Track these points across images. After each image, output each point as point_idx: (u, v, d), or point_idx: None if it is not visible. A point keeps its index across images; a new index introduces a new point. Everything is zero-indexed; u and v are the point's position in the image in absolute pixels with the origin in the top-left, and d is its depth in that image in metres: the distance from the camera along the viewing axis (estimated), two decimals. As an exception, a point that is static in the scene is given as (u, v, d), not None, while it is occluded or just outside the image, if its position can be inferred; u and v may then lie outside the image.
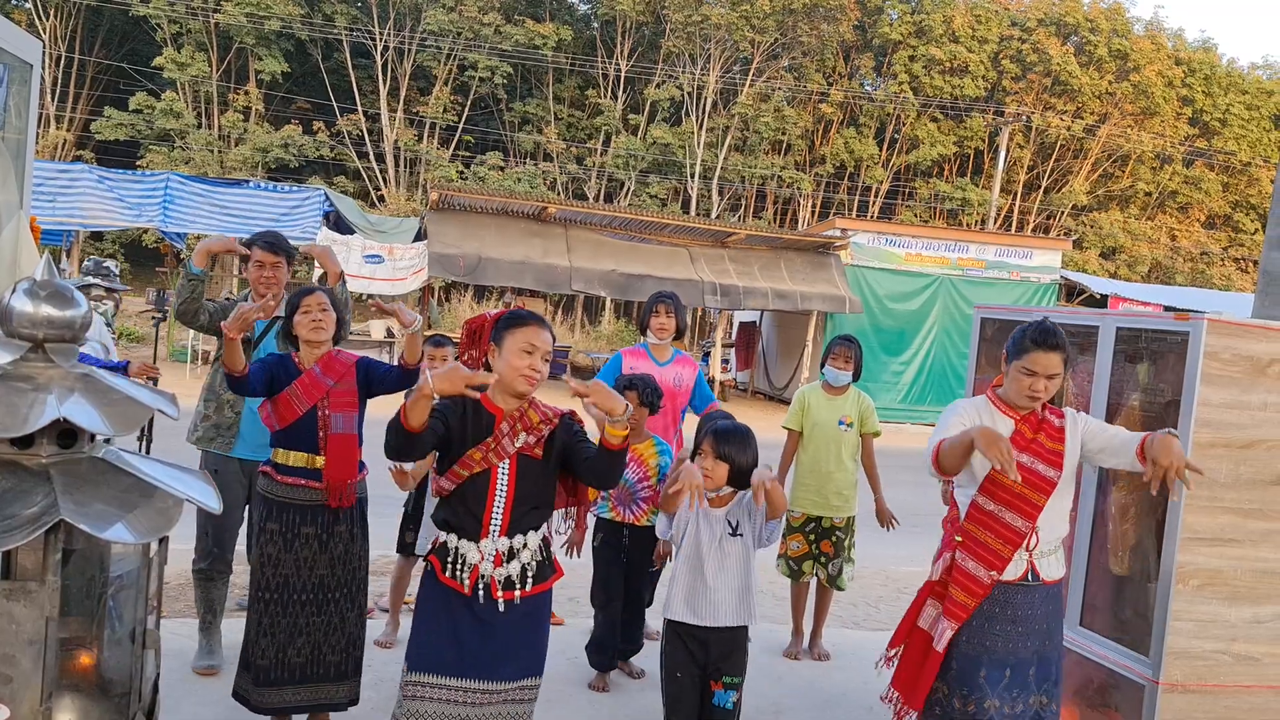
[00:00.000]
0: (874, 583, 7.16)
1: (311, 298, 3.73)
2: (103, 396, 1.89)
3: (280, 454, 3.66)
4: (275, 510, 3.64)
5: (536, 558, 2.86)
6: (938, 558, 3.38)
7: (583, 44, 35.80)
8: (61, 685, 1.91)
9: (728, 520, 3.44)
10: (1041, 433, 3.19)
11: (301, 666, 3.61)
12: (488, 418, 2.84)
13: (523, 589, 2.83)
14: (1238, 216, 39.08)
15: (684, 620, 3.43)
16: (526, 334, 2.81)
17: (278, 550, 3.61)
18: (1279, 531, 3.55)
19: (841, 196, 36.66)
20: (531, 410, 2.86)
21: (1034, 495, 3.15)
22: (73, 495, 1.77)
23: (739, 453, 3.40)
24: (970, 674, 3.16)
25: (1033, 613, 3.20)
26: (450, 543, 2.82)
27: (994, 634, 3.18)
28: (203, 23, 31.17)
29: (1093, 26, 36.50)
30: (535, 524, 2.88)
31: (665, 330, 5.08)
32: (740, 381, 22.61)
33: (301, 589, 3.61)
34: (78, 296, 1.97)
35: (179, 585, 5.62)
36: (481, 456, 2.78)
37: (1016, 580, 3.19)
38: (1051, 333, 3.12)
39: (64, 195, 15.47)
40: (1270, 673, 3.57)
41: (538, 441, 2.85)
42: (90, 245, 27.46)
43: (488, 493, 2.79)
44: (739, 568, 3.44)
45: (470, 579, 2.79)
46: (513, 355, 2.80)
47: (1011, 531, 3.16)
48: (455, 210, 18.07)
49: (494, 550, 2.80)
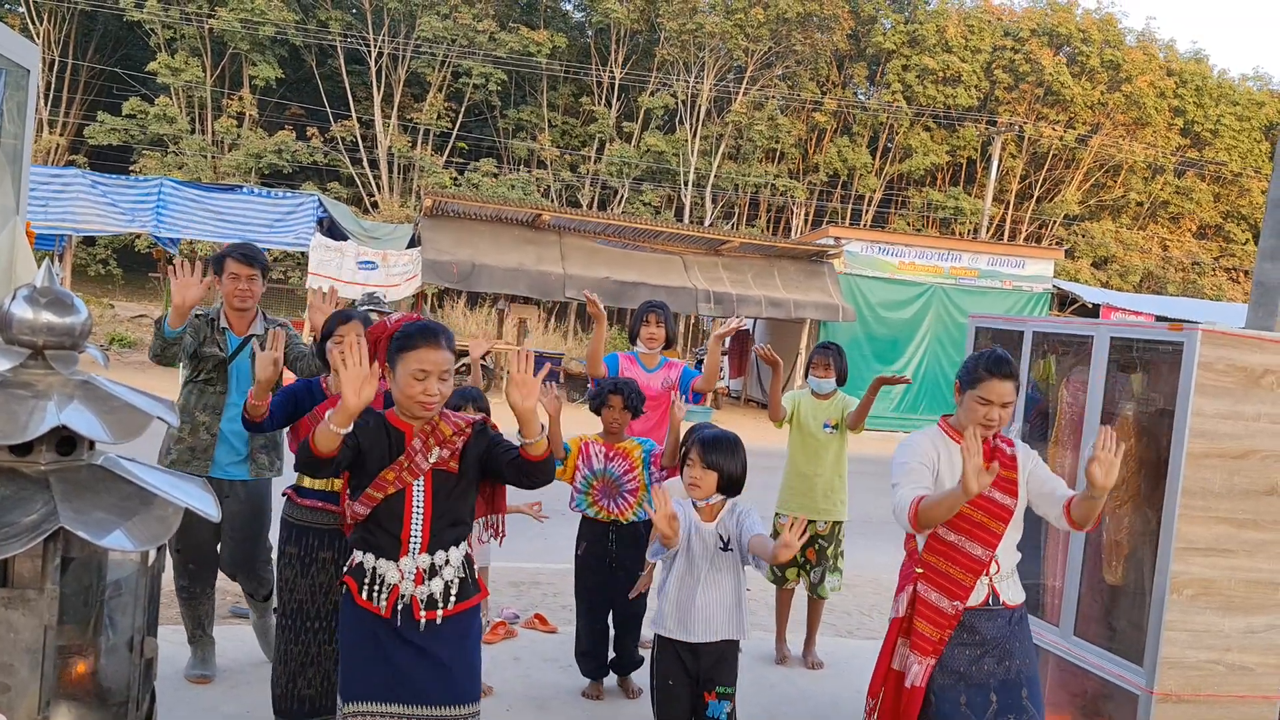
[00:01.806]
0: (866, 591, 7.16)
1: (348, 326, 3.66)
2: (102, 404, 1.89)
3: (303, 478, 3.61)
4: (295, 534, 3.62)
5: (459, 574, 2.76)
6: (899, 592, 3.39)
7: (577, 51, 35.83)
8: (59, 693, 1.90)
9: (719, 535, 3.41)
10: (995, 461, 3.21)
11: (311, 699, 3.59)
12: (396, 435, 2.73)
13: (445, 607, 2.72)
14: (1229, 227, 39.25)
15: (675, 637, 3.41)
16: (417, 358, 2.64)
17: (294, 575, 3.60)
18: (1273, 542, 3.56)
19: (835, 205, 36.72)
20: (442, 423, 2.75)
21: (993, 524, 3.19)
22: (72, 503, 1.77)
23: (727, 460, 3.38)
24: (951, 705, 3.15)
25: (999, 635, 3.21)
26: (367, 563, 2.72)
27: (964, 659, 3.18)
28: (197, 28, 31.13)
29: (1085, 37, 36.67)
30: (455, 540, 2.77)
31: (655, 340, 5.12)
32: (733, 389, 22.61)
33: (315, 615, 3.58)
34: (78, 303, 1.97)
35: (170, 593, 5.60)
36: (395, 476, 2.68)
37: (980, 605, 3.21)
38: (1005, 361, 3.17)
39: (57, 200, 15.41)
40: (1264, 682, 3.59)
41: (452, 455, 2.74)
42: (83, 250, 27.38)
43: (404, 511, 2.68)
44: (730, 583, 3.42)
45: (389, 601, 2.68)
46: (405, 382, 2.67)
47: (973, 560, 3.19)
48: (449, 217, 18.07)
49: (414, 568, 2.69)
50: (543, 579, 6.55)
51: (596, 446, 4.52)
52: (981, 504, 3.16)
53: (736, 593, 3.43)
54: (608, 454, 4.50)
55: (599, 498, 4.48)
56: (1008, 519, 3.20)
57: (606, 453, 4.50)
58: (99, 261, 28.46)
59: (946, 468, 3.26)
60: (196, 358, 4.19)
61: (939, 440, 3.31)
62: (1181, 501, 3.45)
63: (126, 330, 20.34)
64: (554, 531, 6.54)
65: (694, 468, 3.38)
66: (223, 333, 4.25)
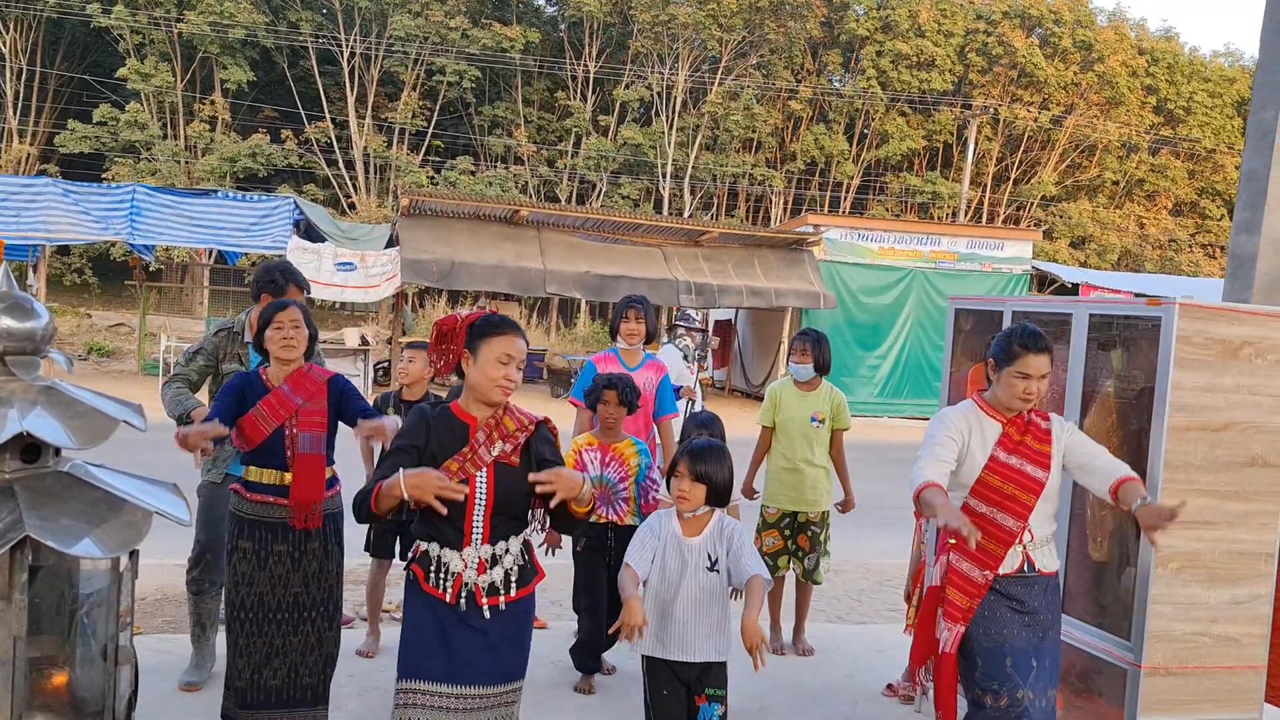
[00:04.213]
0: (855, 576, 7.17)
1: (285, 313, 3.62)
2: (66, 409, 1.85)
3: (250, 471, 3.59)
4: (247, 528, 3.57)
5: (519, 562, 2.83)
6: (935, 561, 3.40)
7: (550, 46, 35.72)
8: (33, 705, 1.87)
9: (706, 554, 3.32)
10: (1029, 435, 3.26)
11: (277, 690, 3.55)
12: (460, 427, 2.78)
13: (507, 594, 2.79)
14: (1204, 203, 39.54)
15: (653, 655, 3.34)
16: (503, 344, 2.75)
17: (251, 569, 3.55)
18: (1255, 513, 3.57)
19: (813, 193, 36.79)
20: (507, 418, 2.81)
21: (1024, 495, 3.22)
22: (38, 511, 1.73)
23: (715, 471, 3.31)
24: (997, 666, 3.16)
25: (1036, 604, 3.24)
26: (432, 551, 2.78)
27: (1008, 623, 3.21)
28: (166, 32, 30.85)
29: (1057, 18, 36.84)
30: (516, 530, 2.84)
31: (635, 335, 5.10)
32: (717, 379, 22.62)
33: (276, 608, 3.55)
34: (38, 307, 1.93)
35: (155, 601, 5.55)
36: (458, 468, 2.72)
37: (1014, 573, 3.23)
38: (1038, 335, 3.21)
39: (28, 210, 15.22)
40: (1250, 652, 3.60)
41: (514, 449, 2.80)
42: (57, 260, 27.13)
43: (467, 503, 2.72)
44: (714, 602, 3.32)
45: (454, 587, 2.75)
46: (489, 365, 2.74)
47: (1004, 531, 3.22)
48: (427, 216, 17.97)
49: (476, 558, 2.76)
50: (530, 575, 6.53)
51: (591, 453, 4.52)
52: (1013, 476, 3.22)
53: (721, 613, 3.34)
54: (604, 459, 4.49)
55: (596, 504, 4.48)
56: (1039, 491, 3.23)
57: (603, 457, 4.50)
58: (74, 271, 28.23)
59: (978, 441, 3.29)
60: (217, 374, 4.21)
61: (972, 415, 3.35)
62: (1164, 475, 3.45)
63: (104, 340, 20.17)
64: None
65: (682, 480, 3.31)
66: (245, 346, 4.24)
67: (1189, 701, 3.52)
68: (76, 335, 20.57)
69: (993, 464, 3.26)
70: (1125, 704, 3.52)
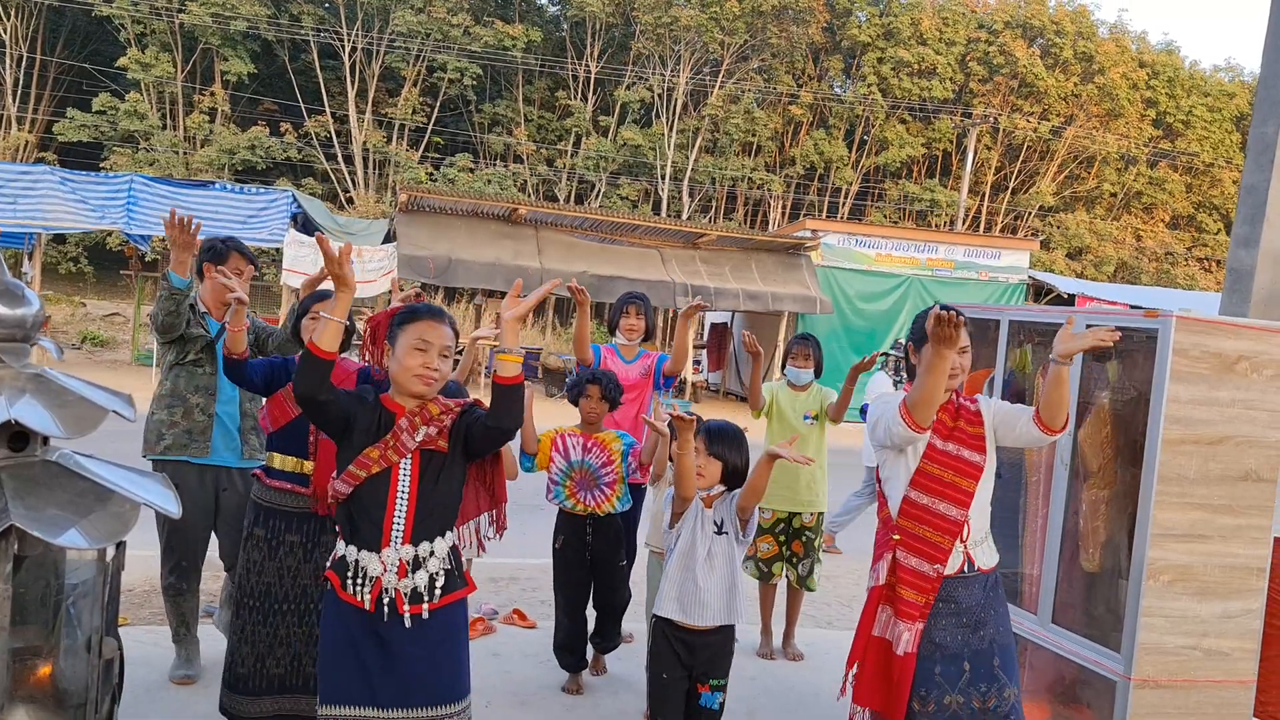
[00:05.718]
0: (846, 581, 7.17)
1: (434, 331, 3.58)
2: (55, 398, 1.83)
3: (274, 458, 3.59)
4: (263, 516, 3.57)
5: (445, 566, 2.65)
6: (876, 561, 3.38)
7: (552, 45, 35.71)
8: (15, 697, 1.85)
9: (714, 521, 3.43)
10: (961, 419, 3.24)
11: (281, 678, 3.54)
12: (387, 415, 2.67)
13: (430, 601, 2.62)
14: (1201, 217, 39.60)
15: (673, 618, 3.41)
16: (418, 329, 2.64)
17: (262, 557, 3.54)
18: (1248, 527, 3.57)
19: (811, 198, 36.80)
20: (431, 404, 2.69)
21: (964, 482, 3.20)
22: (24, 500, 1.71)
23: (732, 452, 3.41)
24: (925, 673, 3.15)
25: (975, 603, 3.22)
26: (349, 555, 2.62)
27: (940, 629, 3.18)
28: (167, 23, 30.78)
29: (1058, 29, 36.89)
30: (441, 529, 2.67)
31: (635, 331, 5.10)
32: (712, 382, 22.62)
33: (284, 598, 3.53)
34: (28, 294, 1.91)
35: (143, 592, 5.52)
36: (380, 454, 2.60)
37: (956, 573, 3.21)
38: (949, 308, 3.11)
39: (25, 197, 15.18)
40: (1240, 667, 3.59)
41: (440, 433, 2.66)
42: (53, 249, 27.04)
43: (388, 495, 2.60)
44: (726, 566, 3.44)
45: (371, 594, 2.58)
46: (405, 354, 2.63)
47: (948, 522, 3.19)
48: (425, 212, 17.95)
49: (397, 559, 2.59)
50: (521, 574, 6.52)
51: (574, 438, 4.47)
52: (951, 463, 3.19)
53: (732, 577, 3.44)
54: (585, 444, 4.45)
55: (576, 489, 4.43)
56: (978, 476, 3.20)
57: (584, 443, 4.45)
58: (70, 260, 28.13)
59: None
60: (183, 339, 4.13)
61: None
62: (1157, 488, 3.44)
63: (99, 329, 20.12)
64: (532, 526, 6.50)
65: (699, 456, 3.40)
66: (202, 316, 4.20)
67: (1178, 715, 3.51)
68: (71, 324, 20.51)
69: (930, 452, 3.23)
70: (1114, 716, 3.51)
